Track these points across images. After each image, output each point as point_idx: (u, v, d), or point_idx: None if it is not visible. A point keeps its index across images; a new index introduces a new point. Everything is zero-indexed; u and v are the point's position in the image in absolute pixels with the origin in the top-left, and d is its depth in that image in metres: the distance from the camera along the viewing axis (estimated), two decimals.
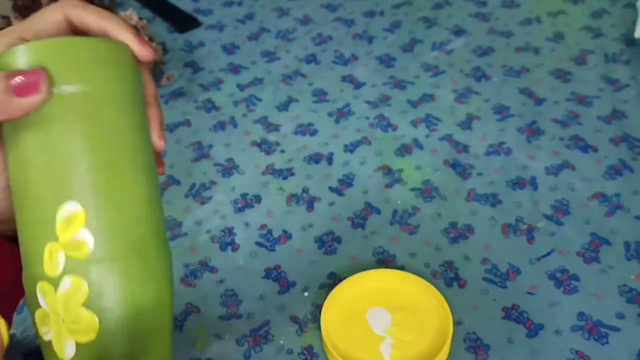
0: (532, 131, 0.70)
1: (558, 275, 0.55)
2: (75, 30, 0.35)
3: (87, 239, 0.31)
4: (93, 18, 0.34)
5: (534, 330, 0.52)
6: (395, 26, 0.89)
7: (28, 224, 0.32)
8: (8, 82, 0.30)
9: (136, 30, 0.82)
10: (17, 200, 0.32)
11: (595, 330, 0.51)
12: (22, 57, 0.31)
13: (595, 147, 0.67)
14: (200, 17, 0.94)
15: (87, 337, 0.31)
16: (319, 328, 0.52)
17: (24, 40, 0.33)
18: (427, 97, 0.76)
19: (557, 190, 0.63)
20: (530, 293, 0.54)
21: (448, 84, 0.78)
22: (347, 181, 0.66)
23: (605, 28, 0.83)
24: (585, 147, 0.67)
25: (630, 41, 0.80)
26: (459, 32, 0.86)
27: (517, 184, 0.64)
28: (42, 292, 0.31)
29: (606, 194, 0.62)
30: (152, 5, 0.96)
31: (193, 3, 0.97)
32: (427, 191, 0.64)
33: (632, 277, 0.55)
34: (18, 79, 0.30)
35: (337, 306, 0.53)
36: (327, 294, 0.53)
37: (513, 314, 0.53)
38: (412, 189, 0.65)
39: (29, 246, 0.32)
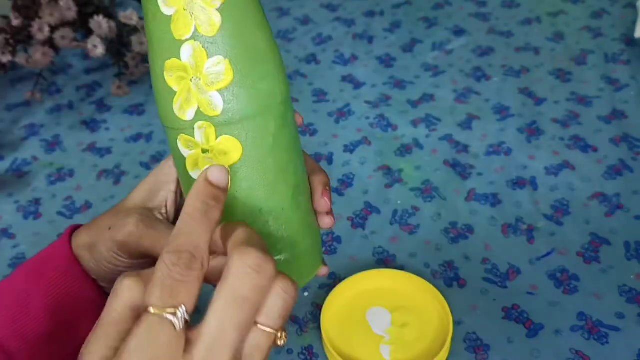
0: (532, 131, 0.70)
1: (558, 275, 0.55)
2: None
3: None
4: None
5: (534, 330, 0.52)
6: (395, 26, 0.89)
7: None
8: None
9: (135, 29, 0.82)
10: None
11: (595, 330, 0.51)
12: None
13: (595, 147, 0.67)
14: None
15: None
16: (319, 328, 0.52)
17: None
18: (427, 97, 0.76)
19: (557, 190, 0.63)
20: (530, 293, 0.54)
21: (448, 84, 0.78)
22: (347, 181, 0.66)
23: (605, 28, 0.83)
24: (585, 147, 0.67)
25: (630, 41, 0.80)
26: (459, 32, 0.86)
27: (517, 184, 0.64)
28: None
29: (606, 194, 0.62)
30: None
31: None
32: (427, 191, 0.64)
33: (632, 277, 0.55)
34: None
35: (337, 306, 0.53)
36: (327, 294, 0.53)
37: (513, 314, 0.53)
38: (412, 189, 0.65)
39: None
